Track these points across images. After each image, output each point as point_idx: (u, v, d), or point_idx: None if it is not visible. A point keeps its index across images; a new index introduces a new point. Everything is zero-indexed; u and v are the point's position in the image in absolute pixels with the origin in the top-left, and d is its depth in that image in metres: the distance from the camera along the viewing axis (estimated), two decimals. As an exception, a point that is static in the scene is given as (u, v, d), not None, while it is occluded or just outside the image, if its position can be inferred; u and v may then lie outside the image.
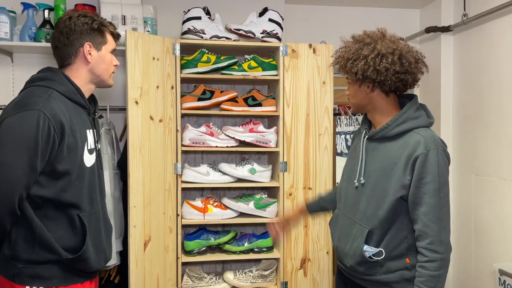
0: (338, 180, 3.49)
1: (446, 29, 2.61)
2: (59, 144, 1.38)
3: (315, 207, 1.90)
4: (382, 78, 1.47)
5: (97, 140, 1.60)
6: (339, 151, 4.32)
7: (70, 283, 1.45)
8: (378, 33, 1.54)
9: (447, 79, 2.66)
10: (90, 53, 1.50)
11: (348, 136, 4.48)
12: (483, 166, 2.38)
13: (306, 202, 1.95)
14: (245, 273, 2.35)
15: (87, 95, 1.55)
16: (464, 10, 2.47)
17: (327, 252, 2.39)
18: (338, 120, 3.72)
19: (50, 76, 1.47)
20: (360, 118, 3.92)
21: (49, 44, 2.31)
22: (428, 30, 2.65)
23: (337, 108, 2.95)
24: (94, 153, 1.55)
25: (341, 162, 3.52)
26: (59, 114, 1.38)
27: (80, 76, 1.51)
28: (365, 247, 1.48)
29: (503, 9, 2.18)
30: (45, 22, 2.35)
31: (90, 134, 1.53)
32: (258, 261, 2.42)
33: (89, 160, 1.51)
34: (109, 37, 1.55)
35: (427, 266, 1.41)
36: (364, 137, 1.59)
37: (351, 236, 1.55)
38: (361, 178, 1.55)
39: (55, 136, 1.37)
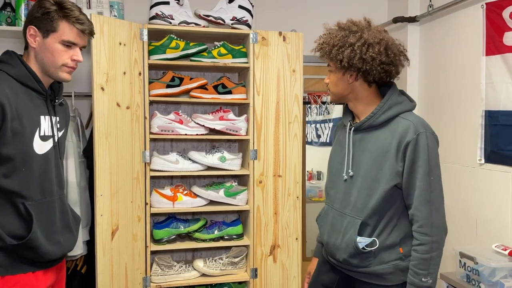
0: (308, 168, 3.53)
1: (412, 20, 2.66)
2: (1, 127, 1.33)
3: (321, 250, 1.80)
4: (367, 67, 1.46)
5: (58, 128, 1.54)
6: (309, 140, 4.36)
7: (18, 271, 1.39)
8: (364, 22, 1.54)
9: (413, 69, 2.72)
10: (34, 38, 1.44)
11: (318, 125, 4.52)
12: (447, 154, 2.46)
13: (314, 254, 1.84)
14: (215, 260, 2.35)
15: (45, 82, 1.49)
16: (430, 1, 2.53)
17: (296, 238, 2.42)
18: (309, 109, 3.74)
19: (3, 59, 1.43)
20: (330, 108, 3.96)
21: (10, 28, 2.24)
22: (396, 20, 2.69)
23: (307, 97, 2.97)
24: (51, 141, 1.49)
25: (310, 150, 3.55)
26: (0, 96, 1.33)
27: (31, 61, 1.46)
28: (358, 239, 1.48)
29: (467, 0, 2.24)
30: (6, 4, 2.26)
31: (45, 120, 1.47)
32: (228, 248, 2.43)
33: (41, 147, 1.45)
34: (63, 27, 1.43)
35: (418, 249, 1.43)
36: (349, 129, 1.58)
37: (342, 230, 1.54)
38: (350, 170, 1.55)
39: None
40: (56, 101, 1.55)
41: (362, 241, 1.48)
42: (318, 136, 4.56)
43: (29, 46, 1.46)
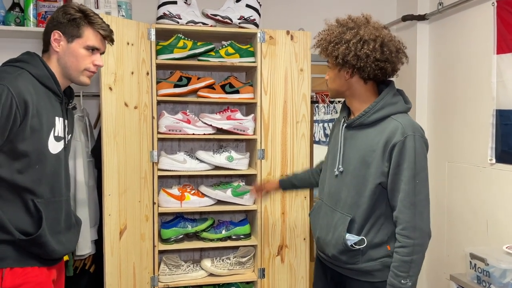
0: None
1: (422, 18, 2.63)
2: (21, 123, 1.36)
3: (286, 184, 1.97)
4: (361, 64, 1.46)
5: (68, 131, 1.57)
6: (317, 139, 4.34)
7: (26, 264, 1.42)
8: (363, 18, 1.53)
9: (422, 68, 2.69)
10: (58, 42, 1.48)
11: (326, 124, 4.50)
12: (456, 154, 2.43)
13: (281, 177, 2.03)
14: (222, 260, 2.35)
15: (62, 85, 1.53)
16: (440, -2, 2.50)
17: (304, 239, 2.41)
18: (316, 108, 3.73)
19: (25, 59, 1.47)
20: (338, 106, 3.94)
21: (19, 28, 2.25)
22: (405, 18, 2.67)
23: (314, 96, 2.96)
24: (62, 142, 1.52)
25: (318, 150, 3.54)
26: (24, 92, 1.36)
27: (52, 64, 1.51)
28: (347, 236, 1.49)
29: (477, -2, 2.22)
30: (15, 5, 2.27)
31: (59, 121, 1.50)
32: (235, 248, 2.43)
33: (55, 147, 1.47)
34: (87, 33, 1.50)
35: (400, 251, 1.43)
36: (343, 125, 1.59)
37: (332, 225, 1.55)
38: (340, 166, 1.55)
39: (17, 113, 1.34)
40: (70, 104, 1.59)
41: (351, 239, 1.49)
42: (326, 136, 4.53)
43: (50, 49, 1.50)
